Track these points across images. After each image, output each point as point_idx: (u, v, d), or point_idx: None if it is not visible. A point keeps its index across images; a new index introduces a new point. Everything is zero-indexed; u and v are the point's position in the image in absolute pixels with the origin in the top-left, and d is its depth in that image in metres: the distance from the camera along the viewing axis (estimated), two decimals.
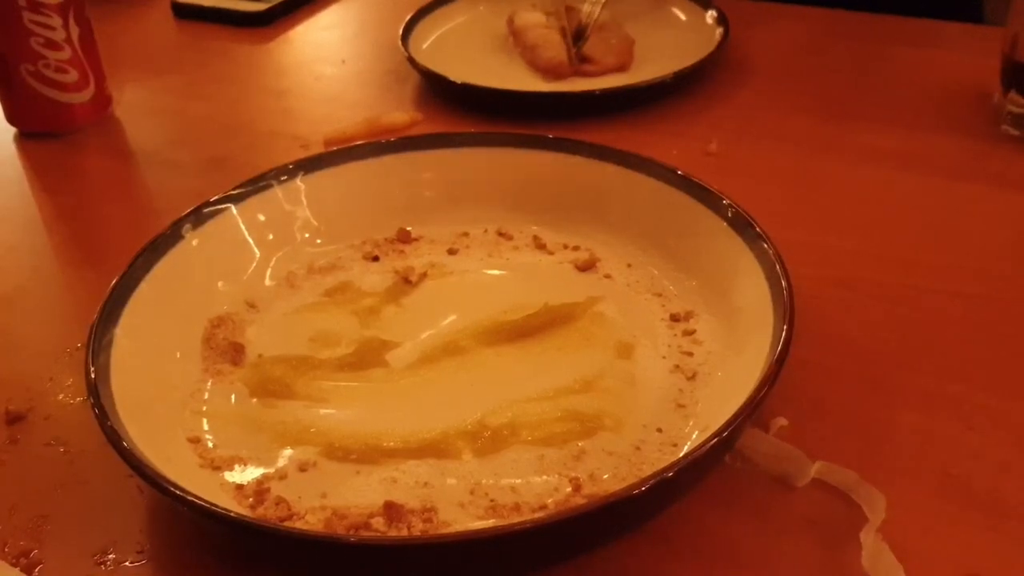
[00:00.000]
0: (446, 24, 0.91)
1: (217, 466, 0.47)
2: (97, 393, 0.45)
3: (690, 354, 0.52)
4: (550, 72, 0.83)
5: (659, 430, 0.48)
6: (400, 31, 0.86)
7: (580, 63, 0.83)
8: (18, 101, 0.79)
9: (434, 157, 0.64)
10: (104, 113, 0.82)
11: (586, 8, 0.86)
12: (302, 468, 0.47)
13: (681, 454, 0.45)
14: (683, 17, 0.90)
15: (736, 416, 0.42)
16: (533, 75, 0.84)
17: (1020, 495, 0.45)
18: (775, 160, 0.72)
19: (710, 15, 0.87)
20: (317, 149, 0.74)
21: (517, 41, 0.87)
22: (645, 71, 0.82)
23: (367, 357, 0.53)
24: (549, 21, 0.87)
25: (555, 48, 0.84)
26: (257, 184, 0.61)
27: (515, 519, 0.43)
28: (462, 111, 0.79)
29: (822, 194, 0.67)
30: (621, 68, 0.83)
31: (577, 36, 0.84)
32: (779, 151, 0.73)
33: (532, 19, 0.88)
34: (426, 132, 0.69)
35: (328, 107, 0.83)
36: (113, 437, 0.43)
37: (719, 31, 0.84)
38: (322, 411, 0.50)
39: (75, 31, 0.77)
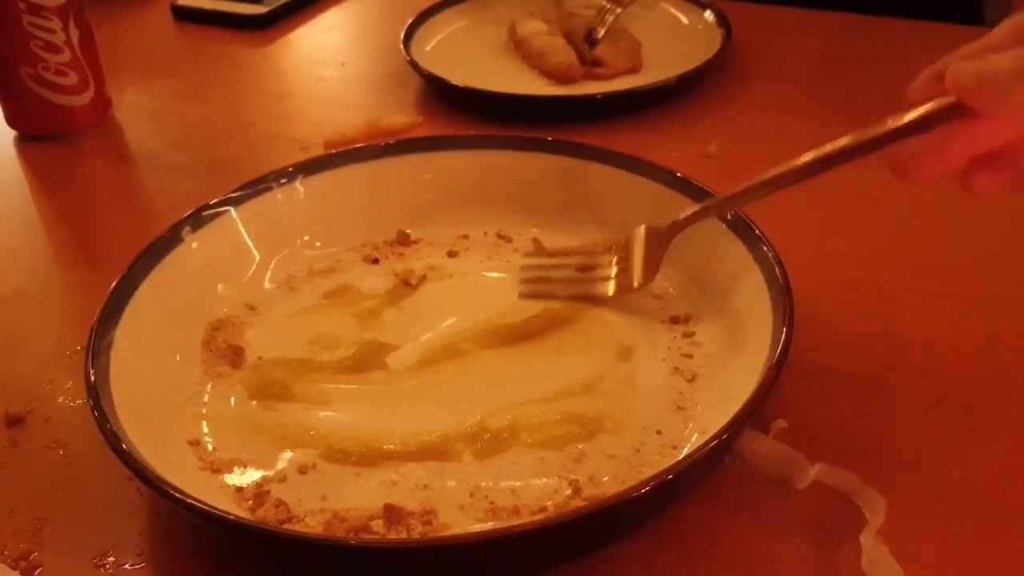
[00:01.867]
0: (447, 28, 0.91)
1: (217, 469, 0.47)
2: (97, 395, 0.45)
3: (690, 356, 0.52)
4: (560, 76, 0.82)
5: (659, 432, 0.48)
6: (402, 35, 0.86)
7: (592, 66, 0.83)
8: (18, 104, 0.79)
9: (434, 159, 0.64)
10: (104, 115, 0.82)
11: (594, 12, 0.86)
12: (302, 471, 0.47)
13: (680, 456, 0.45)
14: (685, 20, 0.90)
15: (736, 418, 0.42)
16: (534, 79, 0.84)
17: (1020, 498, 0.45)
18: (775, 162, 0.71)
19: (711, 18, 0.87)
20: (317, 151, 0.74)
21: (521, 50, 0.87)
22: (652, 74, 0.82)
23: (367, 359, 0.53)
24: (550, 28, 0.87)
25: (563, 53, 0.84)
26: (257, 187, 0.61)
27: (515, 521, 0.43)
28: (462, 114, 0.79)
29: (822, 196, 0.67)
30: (632, 70, 0.83)
31: (588, 39, 0.84)
32: (779, 153, 0.72)
33: (534, 27, 0.88)
34: (426, 135, 0.69)
35: (328, 109, 0.83)
36: (113, 440, 0.43)
37: (721, 34, 0.84)
38: (322, 413, 0.50)
39: (75, 34, 0.77)
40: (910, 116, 0.44)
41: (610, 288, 0.56)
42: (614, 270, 0.56)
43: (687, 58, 0.81)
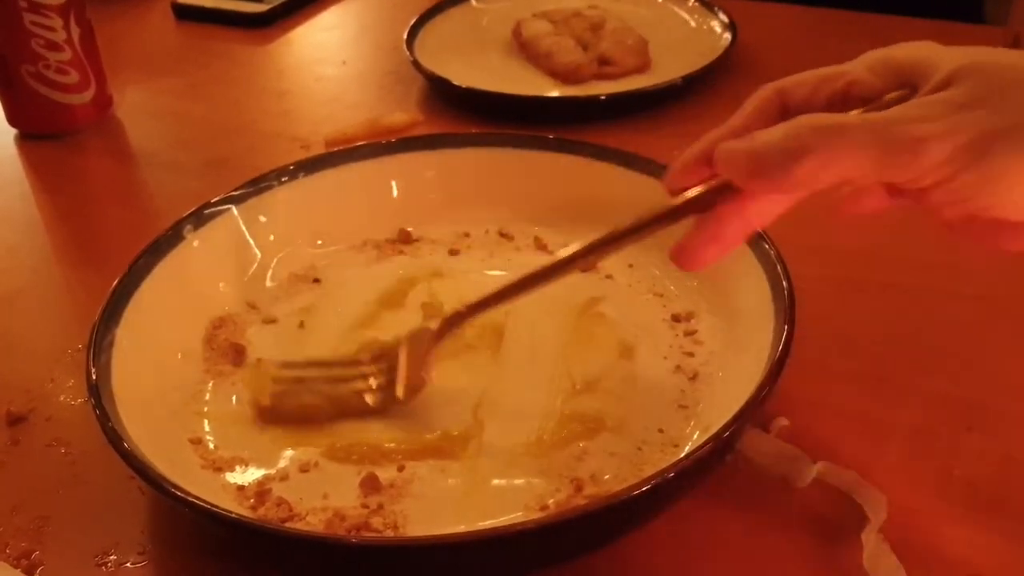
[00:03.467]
0: (449, 28, 0.91)
1: (218, 467, 0.47)
2: (98, 394, 0.45)
3: (691, 354, 0.52)
4: (570, 77, 0.82)
5: (660, 431, 0.48)
6: (404, 35, 0.86)
7: (600, 66, 0.83)
8: (19, 102, 0.79)
9: (435, 158, 0.64)
10: (105, 114, 0.82)
11: (598, 12, 0.87)
12: (303, 469, 0.47)
13: (682, 455, 0.45)
14: (690, 20, 0.90)
15: (737, 417, 0.42)
16: (537, 79, 0.84)
17: (1021, 496, 0.45)
18: None
19: (717, 18, 0.87)
20: (318, 150, 0.74)
21: (527, 51, 0.87)
22: (658, 73, 0.82)
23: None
24: (557, 28, 0.87)
25: (571, 53, 0.83)
26: (258, 185, 0.61)
27: (517, 520, 0.43)
28: (463, 114, 0.79)
29: (823, 194, 0.67)
30: (640, 69, 0.83)
31: None
32: None
33: (540, 28, 0.87)
34: (427, 133, 0.69)
35: (329, 108, 0.83)
36: (114, 438, 0.43)
37: (727, 34, 0.84)
38: None
39: (76, 32, 0.77)
40: (687, 196, 0.42)
41: (371, 399, 0.49)
42: (377, 381, 0.50)
43: (692, 58, 0.81)
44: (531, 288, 0.47)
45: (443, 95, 0.82)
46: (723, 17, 0.87)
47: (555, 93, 0.82)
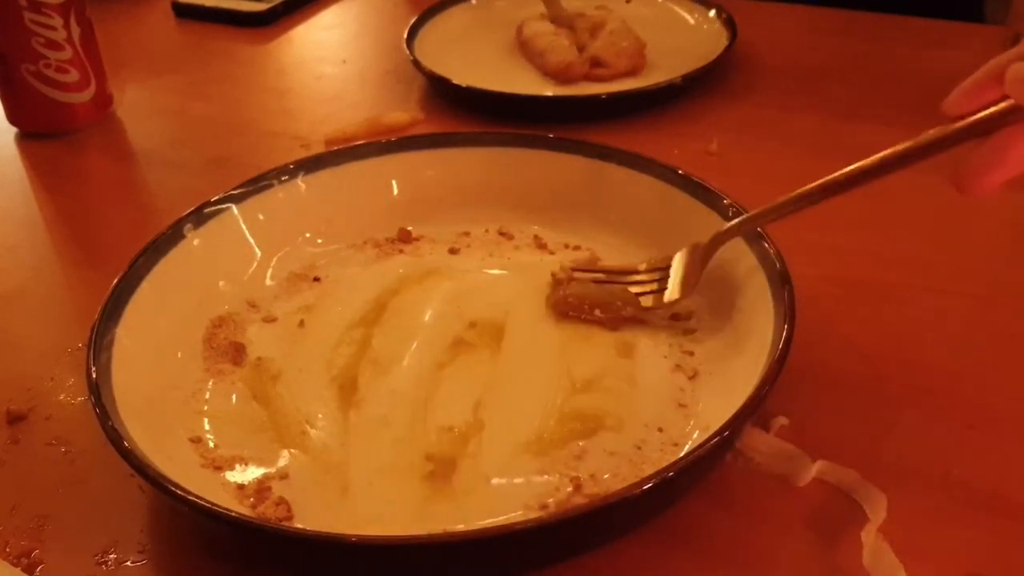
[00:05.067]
0: (450, 27, 0.91)
1: (218, 466, 0.47)
2: (98, 393, 0.45)
3: (691, 353, 0.52)
4: (560, 75, 0.82)
5: (660, 429, 0.48)
6: (405, 34, 0.86)
7: (592, 67, 0.83)
8: (19, 101, 0.79)
9: (435, 156, 0.64)
10: (105, 113, 0.82)
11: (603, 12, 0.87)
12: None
13: (682, 454, 0.45)
14: (690, 20, 0.90)
15: (737, 416, 0.42)
16: (536, 79, 0.84)
17: (1021, 495, 0.45)
18: (776, 160, 0.72)
19: (717, 18, 0.87)
20: (318, 149, 0.74)
21: (525, 50, 0.87)
22: (653, 74, 0.82)
23: (367, 357, 0.53)
24: (558, 29, 0.87)
25: (563, 52, 0.83)
26: (258, 184, 0.61)
27: (516, 519, 0.43)
28: (464, 113, 0.79)
29: None
30: (633, 72, 0.83)
31: None
32: (780, 150, 0.73)
33: (541, 28, 0.87)
34: (427, 132, 0.69)
35: (329, 107, 0.83)
36: (114, 437, 0.43)
37: (726, 34, 0.84)
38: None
39: (76, 31, 0.77)
40: (969, 120, 0.41)
41: (646, 301, 0.54)
42: (654, 285, 0.55)
43: (689, 57, 0.81)
44: (805, 207, 0.49)
45: (443, 94, 0.82)
46: (723, 16, 0.87)
47: (552, 92, 0.81)
